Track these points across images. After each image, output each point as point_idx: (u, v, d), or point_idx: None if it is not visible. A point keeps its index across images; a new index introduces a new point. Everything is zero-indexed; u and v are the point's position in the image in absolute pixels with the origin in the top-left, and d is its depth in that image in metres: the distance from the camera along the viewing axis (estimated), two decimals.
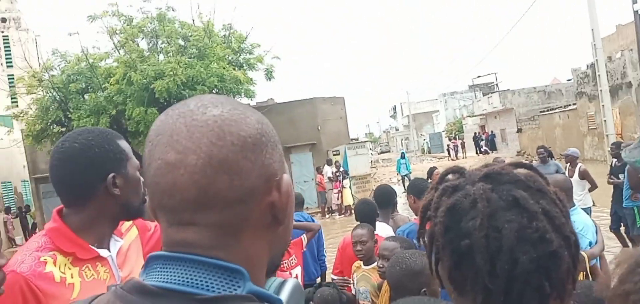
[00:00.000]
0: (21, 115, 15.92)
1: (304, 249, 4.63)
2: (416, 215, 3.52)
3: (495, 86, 42.45)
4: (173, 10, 15.54)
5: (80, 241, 1.38)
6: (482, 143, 36.72)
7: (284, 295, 0.66)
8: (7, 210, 19.42)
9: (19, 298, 1.27)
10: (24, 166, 19.84)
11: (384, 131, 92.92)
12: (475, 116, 41.39)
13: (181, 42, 15.13)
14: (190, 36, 14.82)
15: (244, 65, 16.23)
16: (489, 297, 0.77)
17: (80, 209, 1.38)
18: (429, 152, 49.00)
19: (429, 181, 5.37)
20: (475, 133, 39.13)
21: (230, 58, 15.48)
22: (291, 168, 19.32)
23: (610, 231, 7.54)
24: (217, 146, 0.61)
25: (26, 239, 18.97)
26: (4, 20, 27.56)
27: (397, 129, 77.15)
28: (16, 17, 27.79)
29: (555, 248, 0.76)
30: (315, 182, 17.11)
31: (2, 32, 27.41)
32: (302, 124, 19.28)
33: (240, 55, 16.28)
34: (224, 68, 14.37)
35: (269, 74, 16.50)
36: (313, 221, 5.18)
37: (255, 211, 0.64)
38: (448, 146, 39.07)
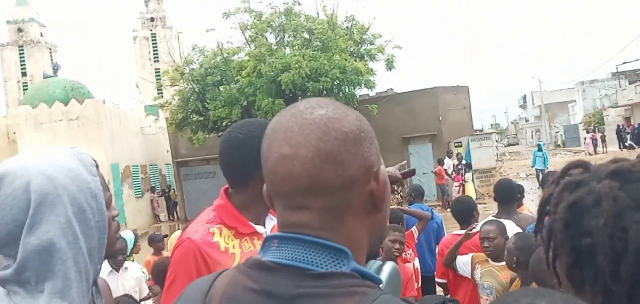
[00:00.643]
0: (166, 105, 17.73)
1: (416, 240, 4.56)
2: None
3: None
4: (299, 4, 16.17)
5: (241, 217, 1.57)
6: (627, 137, 32.93)
7: (383, 276, 0.75)
8: (153, 190, 21.81)
9: (192, 261, 1.50)
10: (167, 151, 22.12)
11: (512, 122, 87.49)
12: (619, 106, 37.18)
13: (306, 35, 15.69)
14: (315, 29, 15.30)
15: (365, 56, 16.38)
16: (610, 299, 0.75)
17: (242, 190, 1.57)
18: (564, 146, 45.11)
19: None
20: (618, 126, 35.15)
21: (351, 49, 15.71)
22: (409, 159, 19.08)
23: None
24: (324, 140, 0.71)
25: (169, 216, 21.21)
26: (152, 19, 30.85)
27: (526, 120, 72.05)
28: (162, 17, 30.93)
29: None
30: (434, 175, 16.71)
31: (151, 30, 30.71)
32: (422, 114, 18.92)
33: (361, 46, 16.46)
34: (346, 60, 14.63)
35: (389, 64, 16.46)
36: (431, 212, 5.10)
37: (356, 198, 0.73)
38: (585, 139, 35.62)
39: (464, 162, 16.10)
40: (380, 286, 0.73)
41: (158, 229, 16.52)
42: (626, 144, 32.34)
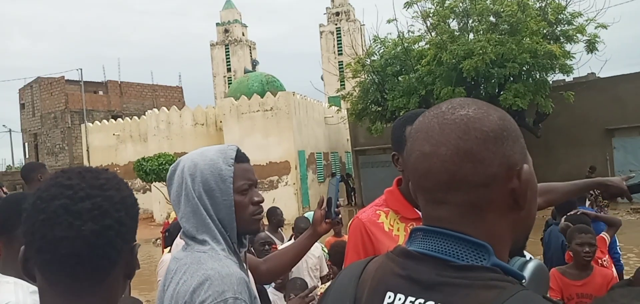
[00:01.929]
0: (347, 96, 18.48)
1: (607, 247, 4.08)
2: None
3: None
4: None
5: (406, 203, 1.73)
6: None
7: (526, 273, 0.75)
8: (333, 175, 23.00)
9: (359, 236, 1.72)
10: (347, 140, 23.12)
11: None
12: None
13: (492, 19, 14.77)
14: (502, 12, 14.29)
15: (561, 37, 14.76)
16: None
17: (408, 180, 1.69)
18: None
19: None
20: None
21: (545, 31, 14.31)
22: (613, 154, 16.70)
23: None
24: (463, 139, 0.74)
25: (348, 202, 22.17)
26: (337, 14, 32.43)
27: None
28: (346, 11, 32.29)
29: None
30: None
31: (336, 24, 32.31)
32: (631, 102, 16.33)
33: (557, 27, 14.87)
34: (538, 43, 13.38)
35: (591, 46, 14.57)
36: None
37: (497, 195, 0.75)
38: None
39: None
40: (523, 282, 0.74)
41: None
42: None
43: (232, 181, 1.45)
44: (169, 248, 4.29)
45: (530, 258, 0.78)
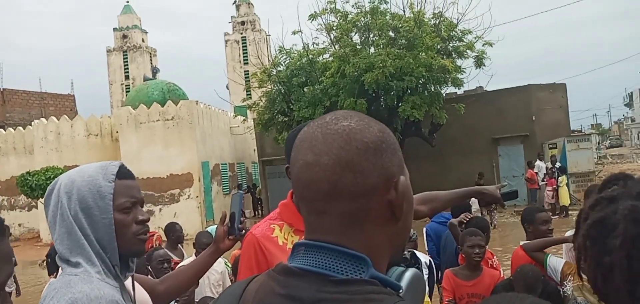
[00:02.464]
0: (253, 106, 18.37)
1: None
2: None
3: None
4: (386, 2, 16.05)
5: (300, 215, 1.65)
6: None
7: (403, 283, 0.77)
8: (239, 187, 22.68)
9: (252, 253, 1.67)
10: (254, 150, 22.94)
11: (616, 122, 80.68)
12: None
13: (391, 34, 15.53)
14: (401, 27, 15.09)
15: (453, 53, 15.89)
16: None
17: None
18: None
19: None
20: None
21: (439, 47, 15.32)
22: (498, 161, 18.23)
23: None
24: (345, 149, 0.75)
25: (255, 213, 21.97)
26: (242, 23, 32.17)
27: (632, 120, 66.15)
28: (252, 20, 32.16)
29: None
30: (525, 178, 15.76)
31: (241, 34, 32.05)
32: (513, 113, 18.00)
33: (449, 43, 15.99)
34: (433, 57, 14.29)
35: (479, 62, 15.86)
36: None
37: (375, 205, 0.77)
38: None
39: (557, 165, 15.07)
40: (400, 292, 0.76)
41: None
42: None
43: (113, 199, 1.37)
44: (54, 273, 3.95)
45: (407, 267, 0.80)
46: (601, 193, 0.84)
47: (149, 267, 3.75)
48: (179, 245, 5.45)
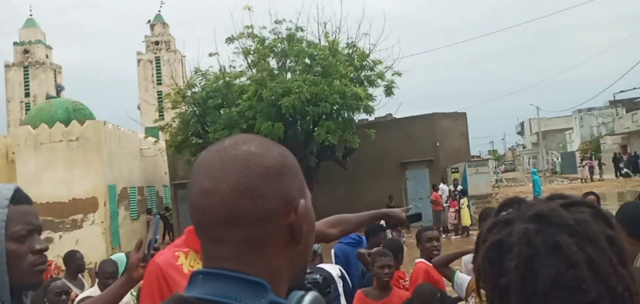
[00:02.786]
0: (166, 127, 17.88)
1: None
2: None
3: None
4: (302, 30, 16.48)
5: None
6: (622, 165, 33.16)
7: None
8: (149, 211, 21.77)
9: (154, 283, 1.60)
10: (165, 173, 22.16)
11: (510, 149, 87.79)
12: (616, 134, 37.52)
13: (307, 61, 15.92)
14: (316, 55, 15.55)
15: (365, 81, 16.62)
16: None
17: None
18: (561, 173, 45.29)
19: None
20: (615, 154, 35.40)
21: (352, 75, 15.96)
22: (406, 184, 19.20)
23: None
24: (244, 174, 0.74)
25: (164, 238, 21.17)
26: (157, 43, 31.24)
27: (524, 147, 72.40)
28: (167, 40, 31.33)
29: (593, 299, 0.73)
30: (430, 200, 16.80)
31: (155, 53, 31.09)
32: (419, 139, 19.12)
33: (361, 72, 16.70)
34: (346, 85, 14.84)
35: (388, 90, 16.71)
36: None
37: (275, 230, 0.76)
38: (581, 166, 35.82)
39: (459, 188, 16.21)
40: None
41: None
42: (622, 172, 32.55)
43: (6, 226, 1.22)
44: None
45: (307, 291, 0.80)
46: (498, 216, 0.85)
47: (45, 299, 3.51)
48: (80, 275, 5.12)
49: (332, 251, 5.46)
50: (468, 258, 3.84)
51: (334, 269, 3.93)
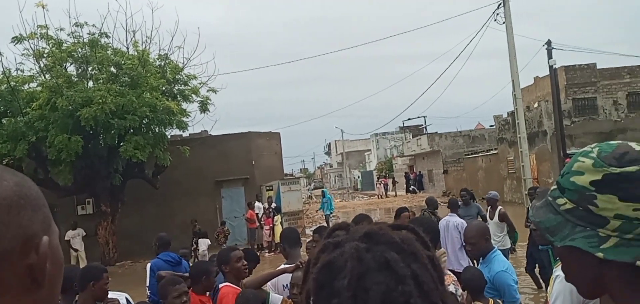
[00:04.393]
0: None
1: None
2: None
3: (424, 129, 44.31)
4: (107, 37, 15.08)
5: None
6: (410, 183, 38.02)
7: None
8: None
9: None
10: None
11: (319, 167, 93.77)
12: (405, 156, 42.88)
13: (113, 69, 14.63)
14: (124, 64, 14.39)
15: (178, 96, 15.95)
16: None
17: None
18: (361, 190, 49.91)
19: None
20: (406, 172, 40.44)
21: (164, 88, 15.16)
22: (221, 203, 18.96)
23: (525, 272, 8.00)
24: None
25: None
26: None
27: (331, 166, 78.14)
28: None
29: None
30: (245, 219, 16.77)
31: None
32: (235, 158, 19.09)
33: (175, 86, 15.99)
34: (157, 98, 14.03)
35: (203, 107, 16.30)
36: (187, 261, 5.30)
37: (11, 274, 0.65)
38: (377, 184, 40.06)
39: (273, 205, 16.54)
40: None
41: None
42: (410, 189, 37.30)
43: None
44: None
45: None
46: (328, 239, 0.85)
47: None
48: None
49: (148, 265, 5.40)
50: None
51: (121, 297, 3.69)
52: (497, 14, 16.21)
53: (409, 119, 47.26)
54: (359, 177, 55.13)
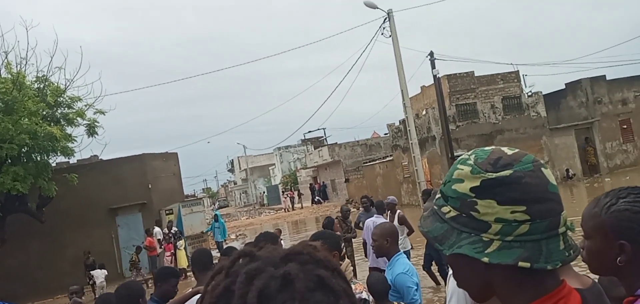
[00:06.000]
0: None
1: None
2: None
3: (325, 140, 45.31)
4: None
5: None
6: (315, 194, 38.61)
7: None
8: None
9: None
10: None
11: (222, 185, 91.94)
12: (308, 167, 43.49)
13: None
14: None
15: (62, 120, 14.82)
16: None
17: None
18: (268, 204, 49.68)
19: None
20: (311, 184, 40.98)
21: (45, 113, 14.02)
22: (117, 232, 17.87)
23: (423, 270, 8.49)
24: None
25: None
26: None
27: (235, 183, 76.86)
28: None
29: None
30: (146, 249, 15.84)
31: None
32: (130, 182, 18.11)
33: (57, 109, 14.85)
34: (37, 124, 12.93)
35: (91, 130, 15.30)
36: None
37: None
38: (283, 197, 40.16)
39: (174, 230, 15.89)
40: None
41: None
42: (315, 199, 37.86)
43: None
44: None
45: None
46: (236, 267, 0.80)
47: None
48: None
49: None
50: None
51: None
52: (384, 28, 17.12)
53: (309, 131, 48.12)
54: (264, 192, 54.86)
